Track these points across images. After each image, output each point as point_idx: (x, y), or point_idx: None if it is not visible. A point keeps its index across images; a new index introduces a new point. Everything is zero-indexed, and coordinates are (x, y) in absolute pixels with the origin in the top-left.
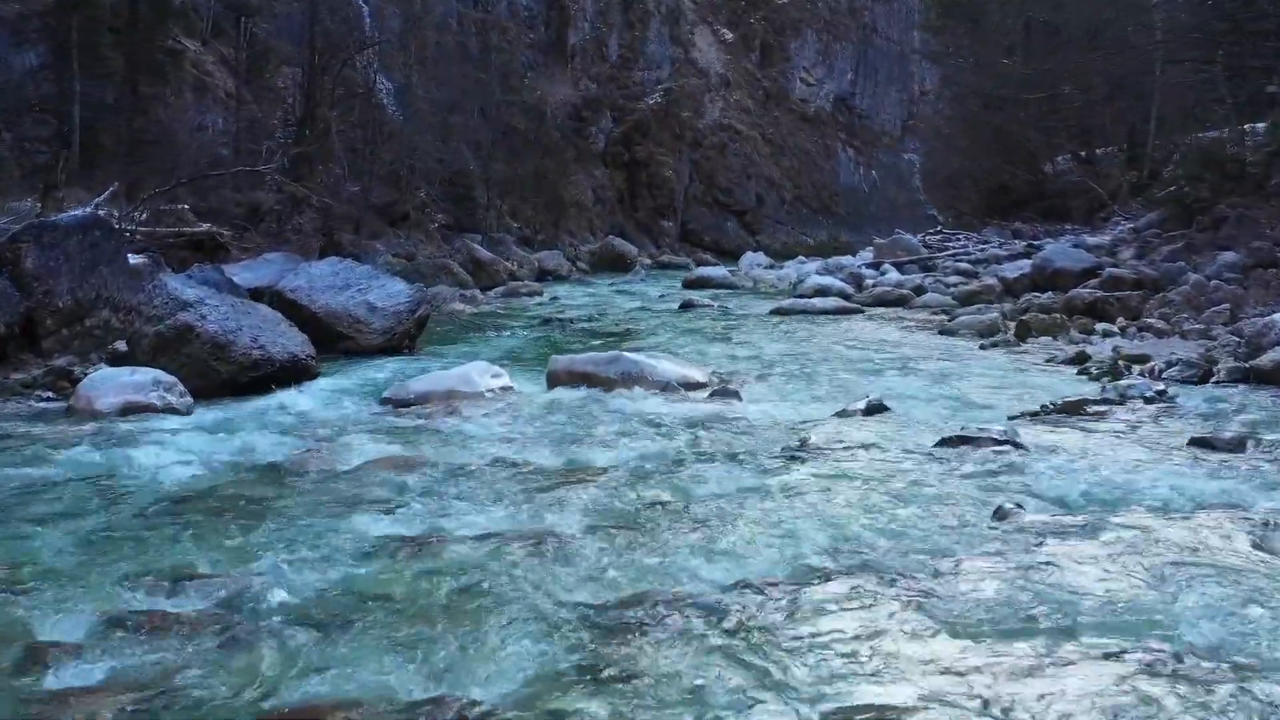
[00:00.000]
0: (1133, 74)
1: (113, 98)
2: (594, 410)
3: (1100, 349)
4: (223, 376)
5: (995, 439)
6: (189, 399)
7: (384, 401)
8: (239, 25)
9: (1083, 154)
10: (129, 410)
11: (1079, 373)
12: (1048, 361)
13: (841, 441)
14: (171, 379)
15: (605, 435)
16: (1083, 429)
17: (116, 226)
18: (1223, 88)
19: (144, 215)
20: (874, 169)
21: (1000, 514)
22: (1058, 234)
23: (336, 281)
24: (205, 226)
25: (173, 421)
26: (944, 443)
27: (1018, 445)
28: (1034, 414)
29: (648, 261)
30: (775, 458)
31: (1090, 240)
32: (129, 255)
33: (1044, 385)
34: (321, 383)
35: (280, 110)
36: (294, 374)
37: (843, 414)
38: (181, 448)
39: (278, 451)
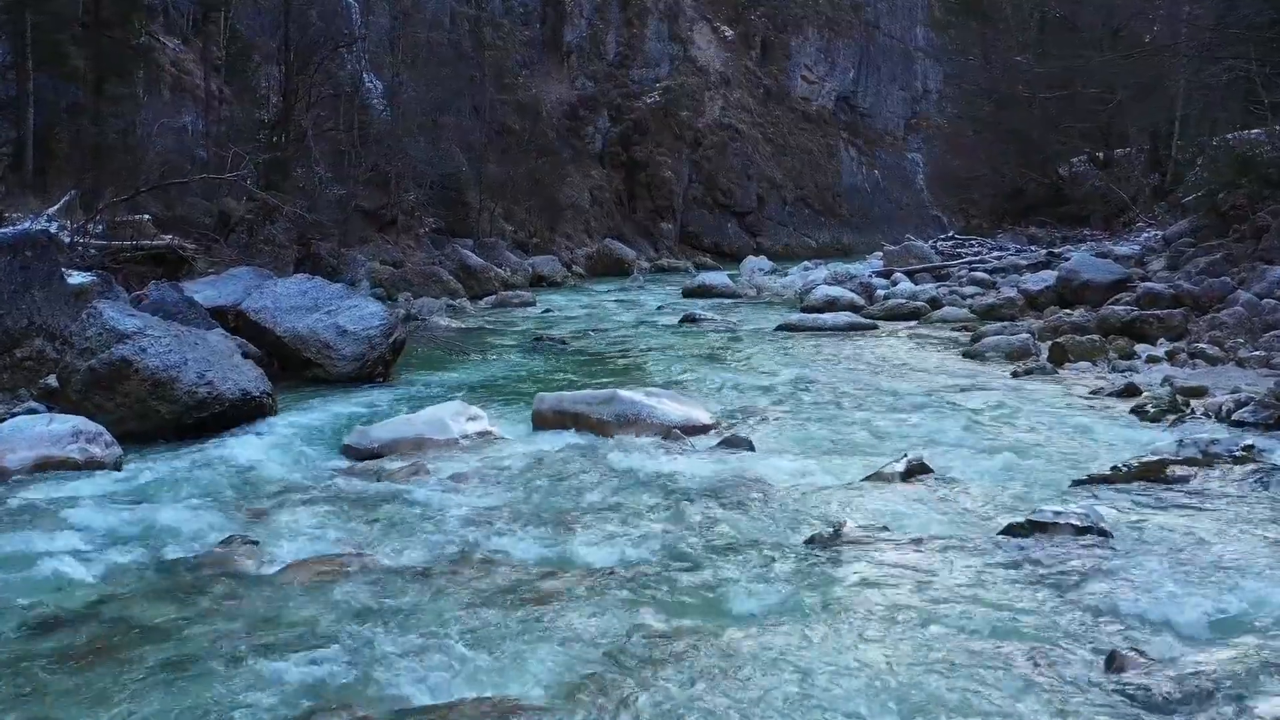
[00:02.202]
0: (1156, 72)
1: (75, 98)
2: (583, 469)
3: (1148, 378)
4: (165, 418)
5: (1075, 525)
6: (117, 450)
7: (344, 450)
8: (219, 21)
9: (1100, 156)
10: (44, 467)
11: (1133, 411)
12: (1092, 394)
13: (883, 526)
14: (96, 428)
15: (594, 511)
16: (1173, 505)
17: (68, 240)
18: (1260, 87)
19: (99, 227)
20: (877, 169)
21: (1116, 664)
22: (1077, 240)
23: (304, 302)
24: (167, 239)
25: (92, 482)
26: (1011, 530)
27: (1103, 533)
28: (1106, 479)
29: (646, 266)
30: (803, 553)
31: (1118, 250)
32: (77, 274)
33: (1099, 430)
34: (278, 423)
35: (261, 111)
36: (247, 413)
37: (878, 477)
38: (86, 528)
39: (199, 535)
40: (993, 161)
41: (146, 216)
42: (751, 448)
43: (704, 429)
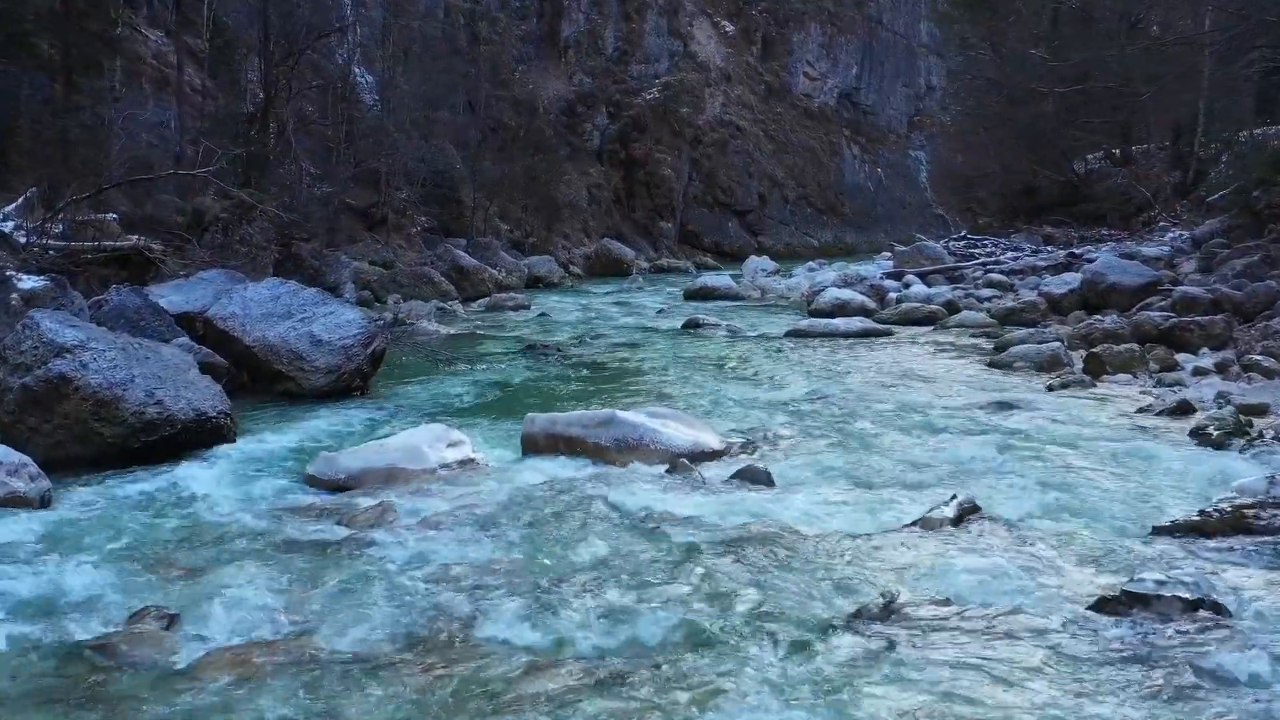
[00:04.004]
0: (1180, 65)
1: (45, 90)
2: (577, 511)
3: (1200, 393)
4: (109, 441)
5: (1183, 599)
6: (44, 484)
7: (307, 480)
8: (202, 10)
9: (1117, 152)
10: None
11: (1193, 433)
12: (1140, 412)
13: (943, 597)
14: (20, 458)
15: (589, 572)
16: None
17: (24, 241)
18: None
19: (59, 227)
20: (880, 167)
21: None
22: (1095, 240)
23: (276, 308)
24: (133, 239)
25: (8, 525)
26: (1104, 606)
27: (1217, 608)
28: (1195, 527)
29: (645, 266)
30: (849, 634)
31: (1145, 250)
32: (29, 278)
33: (1162, 457)
34: (238, 447)
35: (243, 105)
36: (202, 436)
37: (924, 524)
38: None
39: (112, 602)
40: (1003, 159)
41: (112, 216)
42: (771, 481)
43: (714, 455)
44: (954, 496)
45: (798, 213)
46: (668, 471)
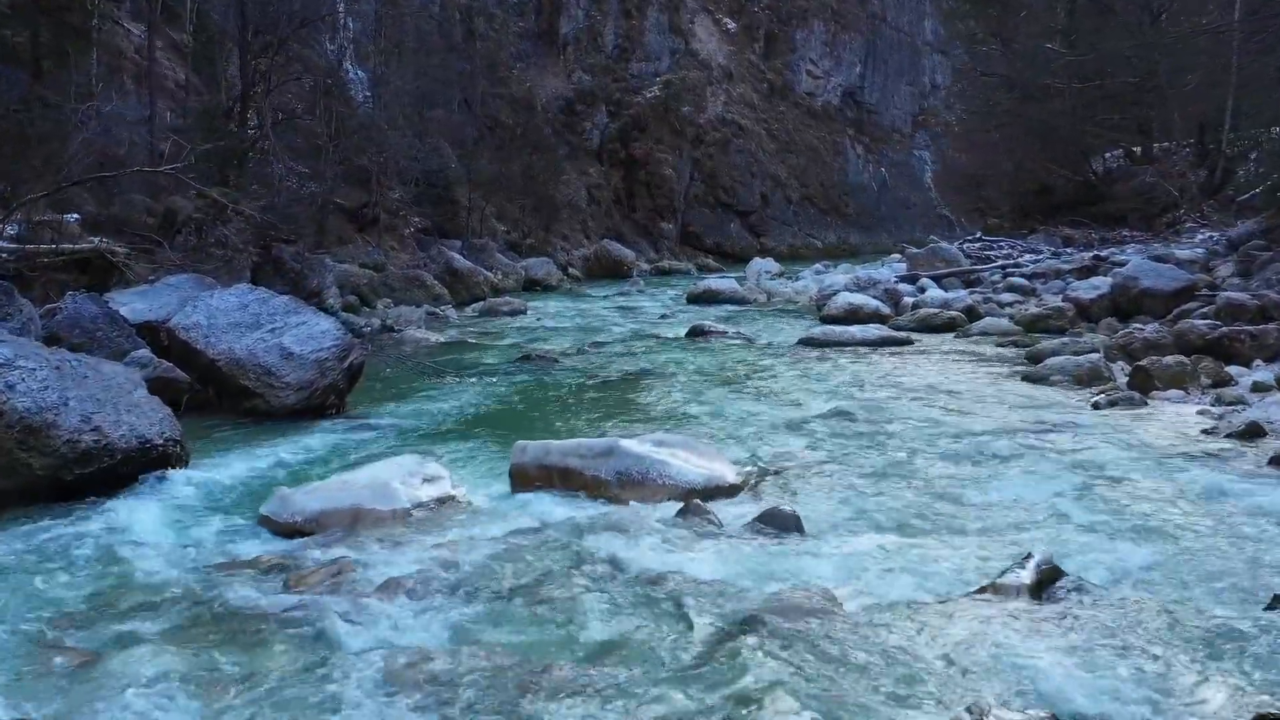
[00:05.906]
0: (1205, 59)
1: (17, 87)
2: (572, 569)
3: (1267, 413)
4: (38, 474)
5: None
6: None
7: (262, 521)
8: (185, 3)
9: (1137, 150)
10: None
11: (1273, 462)
12: (1205, 435)
13: (1044, 709)
14: None
15: (584, 660)
16: None
17: None
18: None
19: (15, 228)
20: (884, 167)
21: None
22: (1116, 242)
23: (244, 318)
24: (96, 241)
25: None
26: None
27: None
28: None
29: (646, 268)
30: None
31: (1179, 253)
32: None
33: (1248, 494)
34: (188, 478)
35: (221, 97)
36: (147, 466)
37: (995, 590)
38: None
39: None
40: (1014, 157)
41: (74, 217)
42: (800, 527)
43: (730, 491)
44: (1029, 556)
45: (801, 213)
46: (678, 513)
